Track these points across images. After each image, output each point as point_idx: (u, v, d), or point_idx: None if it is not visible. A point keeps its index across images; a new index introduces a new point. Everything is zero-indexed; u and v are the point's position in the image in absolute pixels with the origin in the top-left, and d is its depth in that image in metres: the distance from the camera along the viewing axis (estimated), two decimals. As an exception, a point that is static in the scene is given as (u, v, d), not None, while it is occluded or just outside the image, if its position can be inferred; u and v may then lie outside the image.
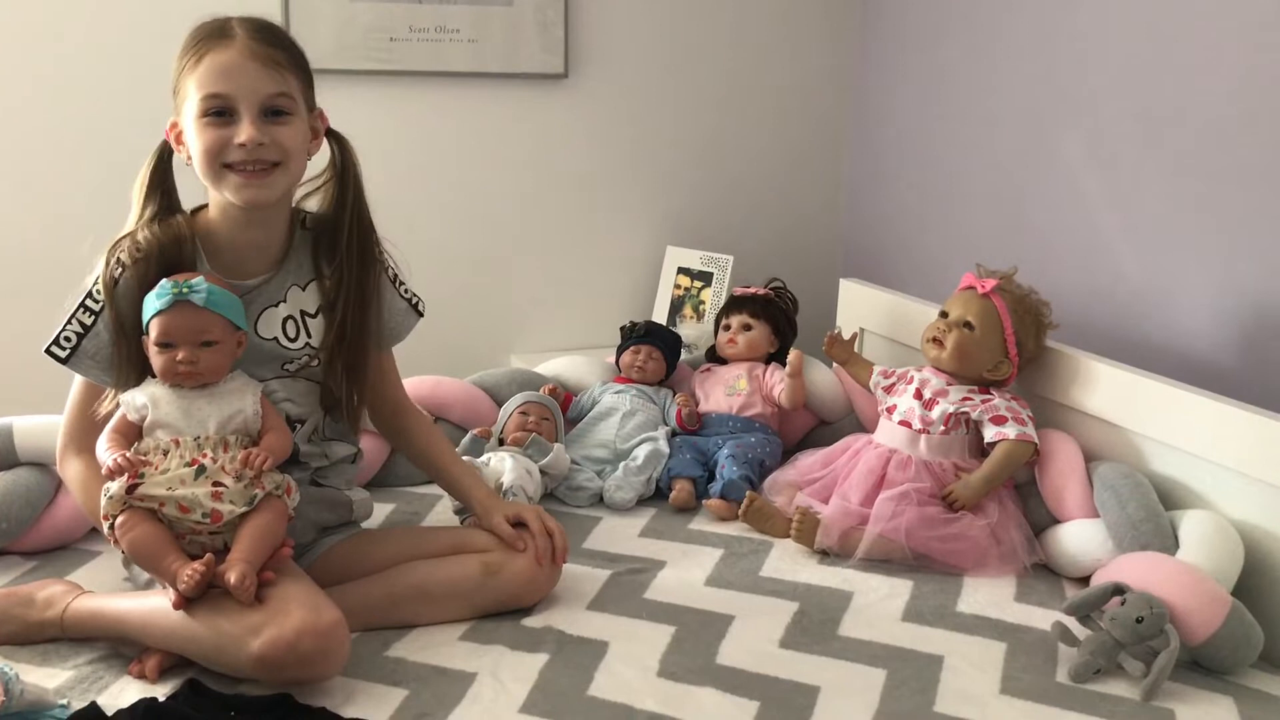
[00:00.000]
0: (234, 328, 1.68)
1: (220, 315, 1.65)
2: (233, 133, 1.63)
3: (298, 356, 1.79)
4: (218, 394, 1.67)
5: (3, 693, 1.34)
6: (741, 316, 2.59)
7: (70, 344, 1.68)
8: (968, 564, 2.05)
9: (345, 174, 1.80)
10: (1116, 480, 2.03)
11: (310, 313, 1.80)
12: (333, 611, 1.57)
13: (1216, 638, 1.74)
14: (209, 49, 1.63)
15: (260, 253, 1.77)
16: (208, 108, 1.62)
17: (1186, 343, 2.34)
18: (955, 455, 2.20)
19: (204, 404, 1.65)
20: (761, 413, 2.48)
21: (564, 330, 3.14)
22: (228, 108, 1.63)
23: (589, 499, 2.30)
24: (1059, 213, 2.64)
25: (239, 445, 1.65)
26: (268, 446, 1.65)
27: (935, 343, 2.26)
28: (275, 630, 1.51)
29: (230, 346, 1.68)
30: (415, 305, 1.94)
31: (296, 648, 1.51)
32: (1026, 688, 1.68)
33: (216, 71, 1.62)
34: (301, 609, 1.54)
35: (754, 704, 1.60)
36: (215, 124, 1.63)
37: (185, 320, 1.63)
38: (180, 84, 1.66)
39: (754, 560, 2.07)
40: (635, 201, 3.17)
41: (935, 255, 3.03)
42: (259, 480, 1.62)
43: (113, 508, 1.59)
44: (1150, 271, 2.42)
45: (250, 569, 1.55)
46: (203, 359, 1.64)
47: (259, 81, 1.63)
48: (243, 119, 1.63)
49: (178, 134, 1.69)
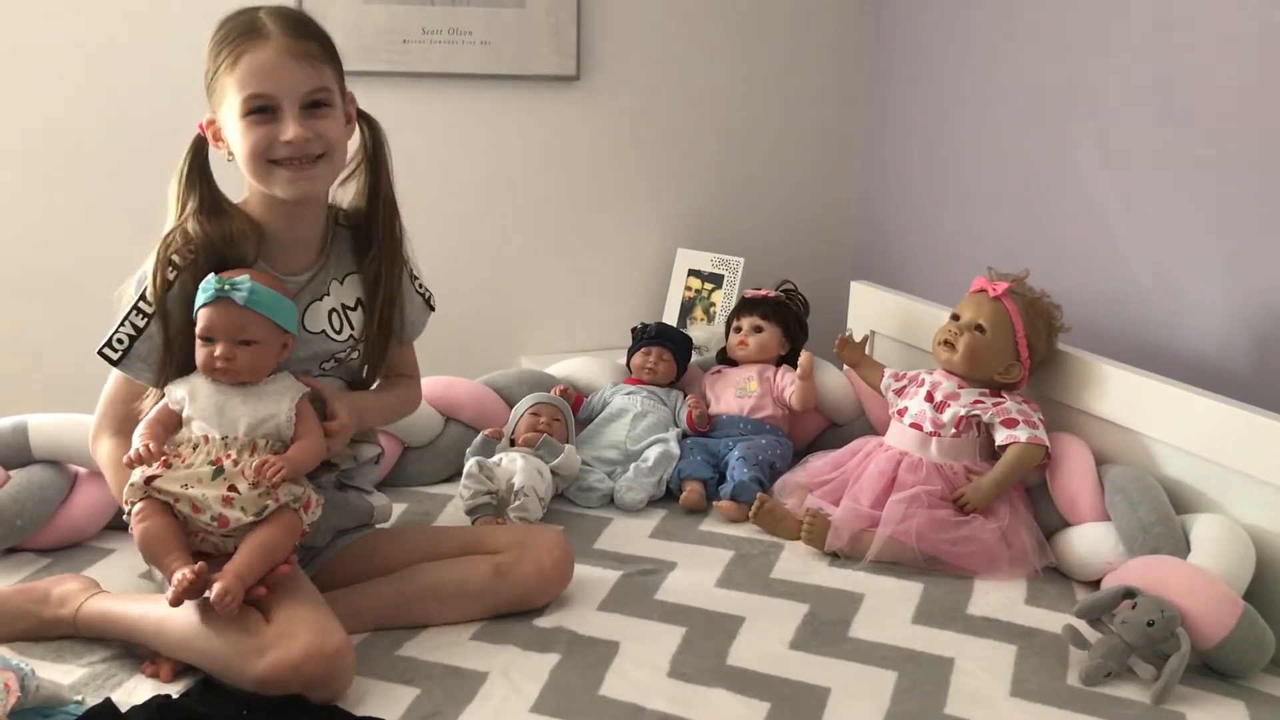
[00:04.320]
0: (279, 330, 1.67)
1: (262, 316, 1.65)
2: (277, 130, 1.64)
3: (343, 349, 1.81)
4: (254, 395, 1.66)
5: (19, 688, 1.35)
6: (752, 319, 2.59)
7: (123, 346, 1.68)
8: (978, 567, 2.05)
9: (377, 156, 1.81)
10: (1127, 483, 2.03)
11: (350, 306, 1.82)
12: (339, 636, 1.55)
13: (1228, 642, 1.74)
14: (245, 48, 1.62)
15: (304, 247, 1.78)
16: (250, 108, 1.63)
17: (1197, 346, 2.33)
18: (966, 458, 2.20)
19: (239, 403, 1.65)
20: (772, 415, 2.49)
21: (575, 332, 3.14)
22: (270, 106, 1.64)
23: (600, 500, 2.31)
24: (1070, 216, 2.64)
25: (267, 450, 1.64)
26: (289, 457, 1.62)
27: (946, 345, 2.26)
28: (281, 653, 1.50)
29: (272, 348, 1.67)
30: (428, 300, 1.95)
31: (301, 671, 1.50)
32: (1037, 690, 1.68)
33: (255, 72, 1.62)
34: (309, 632, 1.53)
35: (764, 705, 1.60)
36: (259, 122, 1.64)
37: (225, 317, 1.63)
38: (217, 83, 1.66)
39: (764, 562, 2.08)
40: (646, 203, 3.17)
41: (946, 258, 3.03)
42: (274, 491, 1.61)
43: (132, 495, 1.60)
44: (1161, 275, 2.42)
45: (237, 584, 1.52)
46: (240, 357, 1.64)
47: (298, 78, 1.64)
48: (286, 116, 1.64)
49: (215, 131, 1.70)
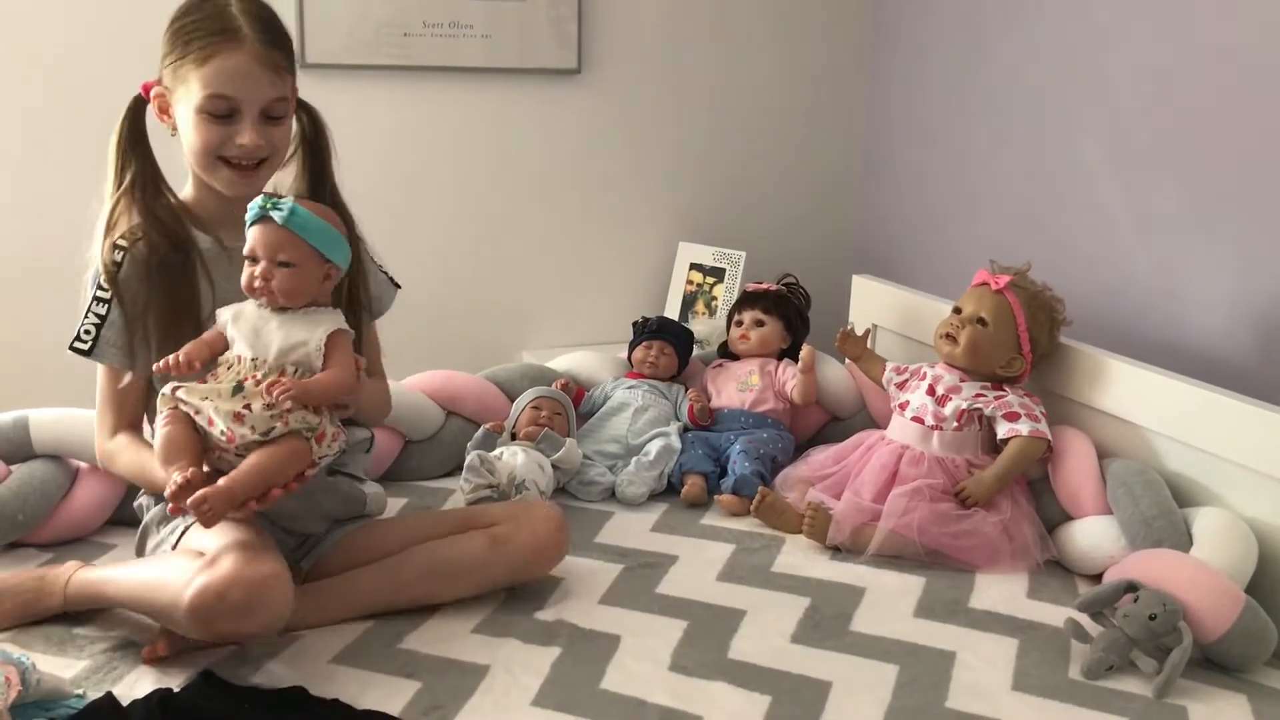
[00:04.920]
0: (320, 257, 1.66)
1: (301, 239, 1.63)
2: (233, 131, 1.67)
3: None
4: (290, 320, 1.65)
5: (19, 682, 1.35)
6: (754, 312, 2.58)
7: (90, 336, 1.70)
8: (980, 560, 2.05)
9: (318, 142, 1.84)
10: (1130, 477, 2.03)
11: None
12: (270, 564, 1.53)
13: (1230, 635, 1.73)
14: (218, 48, 1.64)
15: (240, 226, 1.77)
16: (212, 107, 1.65)
17: (1200, 339, 2.33)
18: (968, 451, 2.20)
19: (274, 328, 1.65)
20: (774, 408, 2.48)
21: (576, 326, 3.14)
22: (232, 109, 1.66)
23: (601, 494, 2.31)
24: (1073, 209, 2.63)
25: (294, 377, 1.61)
26: (303, 382, 1.59)
27: (948, 339, 2.26)
28: (205, 579, 1.48)
29: (312, 273, 1.66)
30: (392, 279, 1.96)
31: (226, 598, 1.46)
32: (1039, 684, 1.68)
33: (225, 74, 1.64)
34: (234, 558, 1.50)
35: (766, 699, 1.60)
36: (216, 121, 1.66)
37: (265, 236, 1.63)
38: (180, 69, 1.66)
39: (766, 556, 2.07)
40: (647, 197, 3.17)
41: (948, 251, 3.02)
42: (285, 416, 1.58)
43: (163, 404, 1.61)
44: (1163, 268, 2.41)
45: (218, 494, 1.50)
46: (276, 278, 1.63)
47: (264, 88, 1.67)
48: (245, 121, 1.67)
49: (163, 103, 1.71)
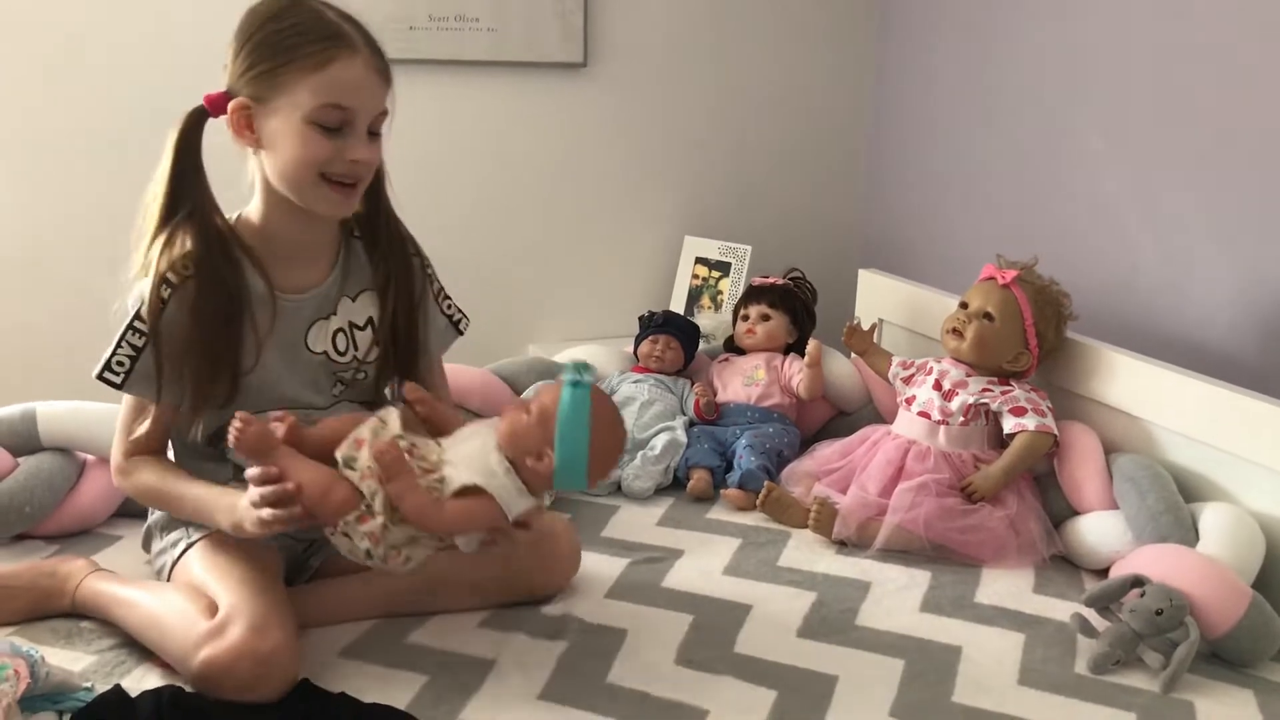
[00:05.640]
0: (547, 440, 1.50)
1: (554, 421, 1.48)
2: (342, 146, 1.57)
3: (344, 371, 1.74)
4: (474, 436, 1.59)
5: (29, 675, 1.35)
6: (760, 307, 2.58)
7: (123, 368, 1.61)
8: (986, 555, 2.05)
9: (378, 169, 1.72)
10: (1136, 472, 2.02)
11: (359, 325, 1.74)
12: (276, 633, 1.49)
13: (1236, 630, 1.73)
14: (334, 55, 1.54)
15: (313, 261, 1.71)
16: (326, 118, 1.55)
17: (1206, 334, 2.33)
18: (974, 446, 2.20)
19: (468, 432, 1.61)
20: (779, 403, 2.48)
21: (582, 320, 3.14)
22: (344, 122, 1.57)
23: (606, 488, 2.30)
24: (1079, 204, 2.63)
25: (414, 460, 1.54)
26: (408, 477, 1.49)
27: (955, 334, 2.25)
28: (211, 651, 1.46)
29: (531, 440, 1.52)
30: (457, 324, 1.88)
31: (233, 671, 1.45)
32: (1045, 679, 1.68)
33: (345, 83, 1.55)
34: (241, 629, 1.47)
35: (772, 693, 1.60)
36: (327, 135, 1.56)
37: (549, 396, 1.52)
38: (280, 77, 1.54)
39: (772, 550, 2.07)
40: (653, 191, 3.16)
41: (955, 246, 3.02)
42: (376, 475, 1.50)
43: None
44: (1170, 262, 2.41)
45: (255, 425, 1.50)
46: (507, 417, 1.56)
47: (377, 99, 1.59)
48: (356, 133, 1.58)
49: (246, 117, 1.58)
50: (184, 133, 1.60)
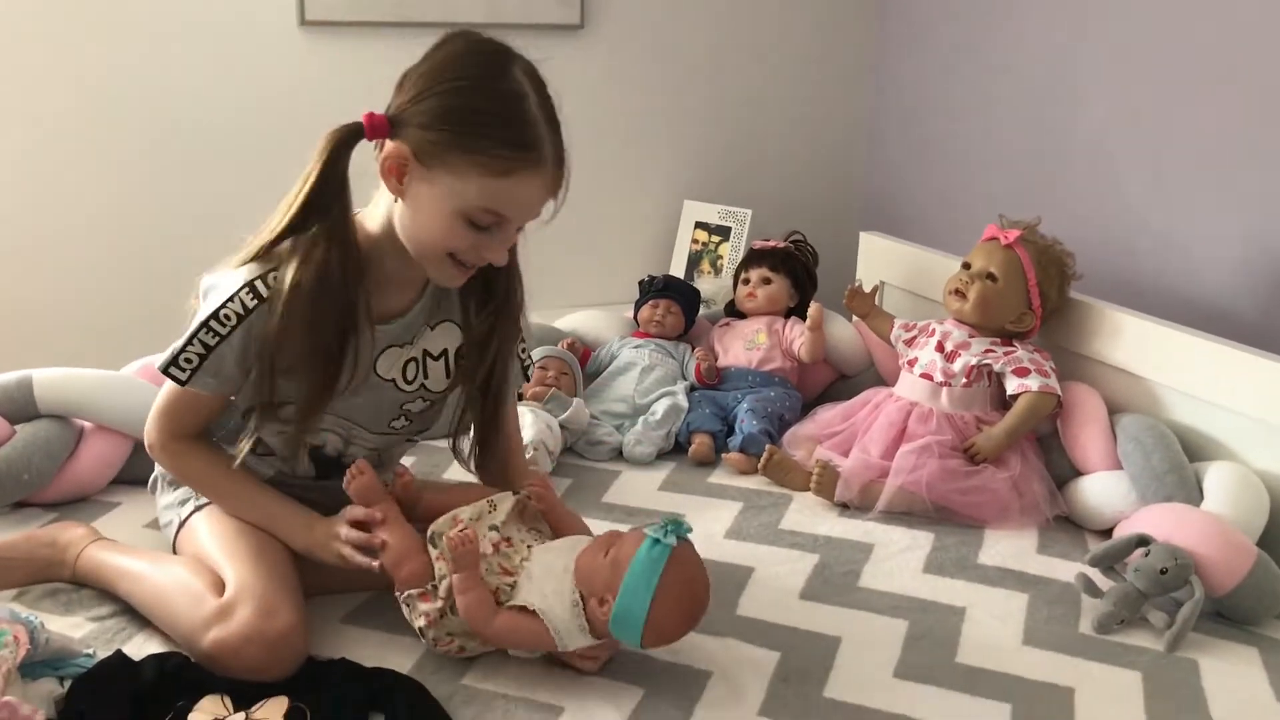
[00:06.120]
0: (617, 580, 1.46)
1: (631, 565, 1.45)
2: (483, 241, 1.49)
3: (411, 400, 1.66)
4: (564, 551, 1.56)
5: (28, 641, 1.34)
6: (761, 270, 2.56)
7: (191, 365, 1.53)
8: (989, 516, 2.04)
9: None
10: (1140, 432, 2.01)
11: (433, 355, 1.66)
12: (286, 615, 1.46)
13: (1241, 589, 1.73)
14: (518, 168, 1.44)
15: (405, 288, 1.62)
16: (481, 220, 1.47)
17: (1210, 293, 2.31)
18: (977, 408, 2.18)
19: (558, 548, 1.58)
20: (780, 367, 2.47)
21: (580, 286, 3.11)
22: (497, 225, 1.49)
23: (608, 453, 2.29)
24: (1082, 163, 2.60)
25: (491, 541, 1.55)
26: (473, 566, 1.48)
27: (957, 295, 2.24)
28: (219, 633, 1.45)
29: (598, 578, 1.48)
30: (526, 370, 1.78)
31: (241, 654, 1.44)
32: (1050, 639, 1.68)
33: (515, 199, 1.47)
34: (250, 611, 1.45)
35: (775, 654, 1.60)
36: (473, 230, 1.47)
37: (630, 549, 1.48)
38: (454, 159, 1.43)
39: (773, 513, 2.07)
40: (652, 155, 3.13)
41: (956, 207, 2.99)
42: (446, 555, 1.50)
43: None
44: (1173, 221, 2.39)
45: (370, 479, 1.57)
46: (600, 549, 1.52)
47: (537, 213, 1.52)
48: (502, 237, 1.51)
49: (401, 165, 1.46)
50: (335, 146, 1.49)
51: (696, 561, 1.49)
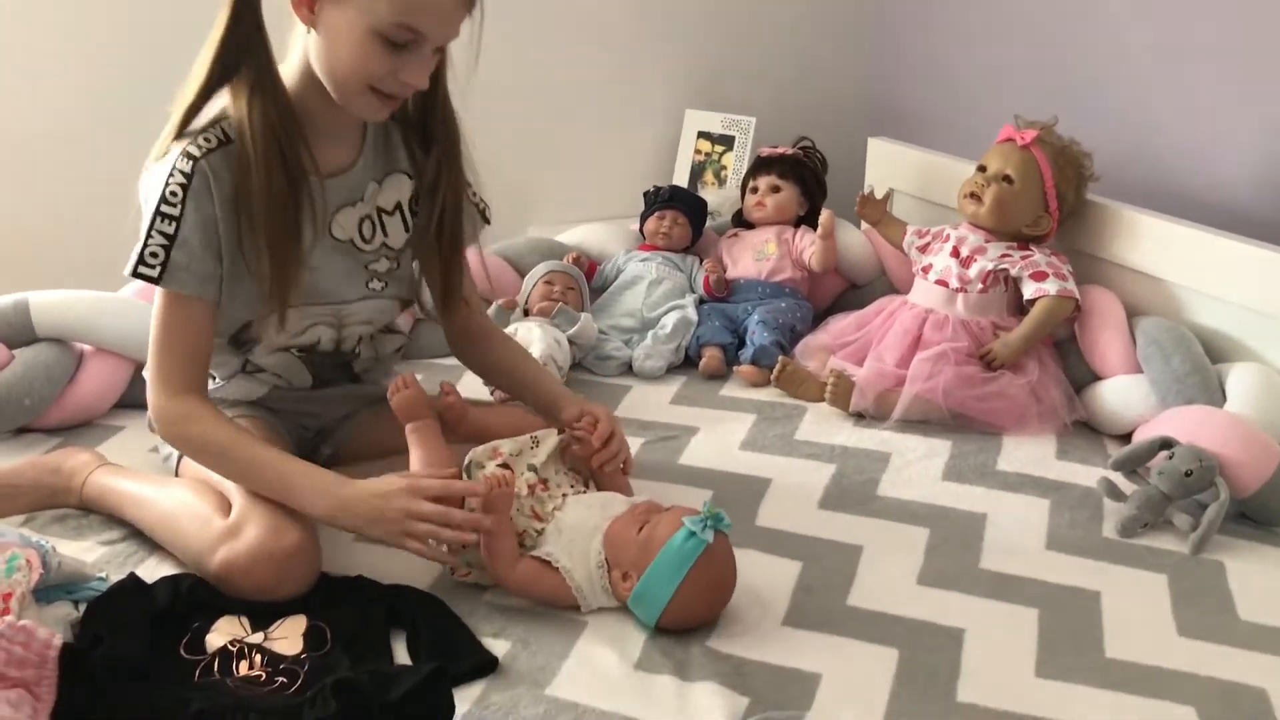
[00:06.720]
0: (638, 569, 1.44)
1: (658, 554, 1.42)
2: (401, 63, 1.44)
3: (374, 260, 1.63)
4: (598, 509, 1.54)
5: (40, 565, 1.32)
6: (769, 178, 2.50)
7: (158, 260, 1.44)
8: (1007, 423, 2.02)
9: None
10: (1160, 334, 1.98)
11: (387, 210, 1.63)
12: (295, 532, 1.44)
13: (1266, 489, 1.72)
14: None
15: (342, 140, 1.58)
16: (396, 36, 1.41)
17: (1230, 193, 2.26)
18: (994, 313, 2.15)
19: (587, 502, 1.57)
20: (791, 277, 2.42)
21: (581, 199, 3.04)
22: (413, 42, 1.44)
23: (617, 368, 2.26)
24: (1099, 60, 2.53)
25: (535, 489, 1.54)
26: (503, 528, 1.46)
27: (973, 198, 2.19)
28: (228, 552, 1.42)
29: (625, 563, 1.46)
30: (483, 212, 1.74)
31: (251, 574, 1.41)
32: (1073, 542, 1.66)
33: (428, 8, 1.42)
34: (258, 529, 1.43)
35: (796, 564, 1.58)
36: (390, 51, 1.43)
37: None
38: None
39: (788, 425, 2.04)
40: (651, 62, 3.04)
41: (968, 109, 2.91)
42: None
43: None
44: (1192, 119, 2.33)
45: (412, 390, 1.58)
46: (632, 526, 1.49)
47: (452, 29, 1.46)
48: (419, 56, 1.45)
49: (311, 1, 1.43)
50: (233, 11, 1.45)
51: (728, 558, 1.45)
